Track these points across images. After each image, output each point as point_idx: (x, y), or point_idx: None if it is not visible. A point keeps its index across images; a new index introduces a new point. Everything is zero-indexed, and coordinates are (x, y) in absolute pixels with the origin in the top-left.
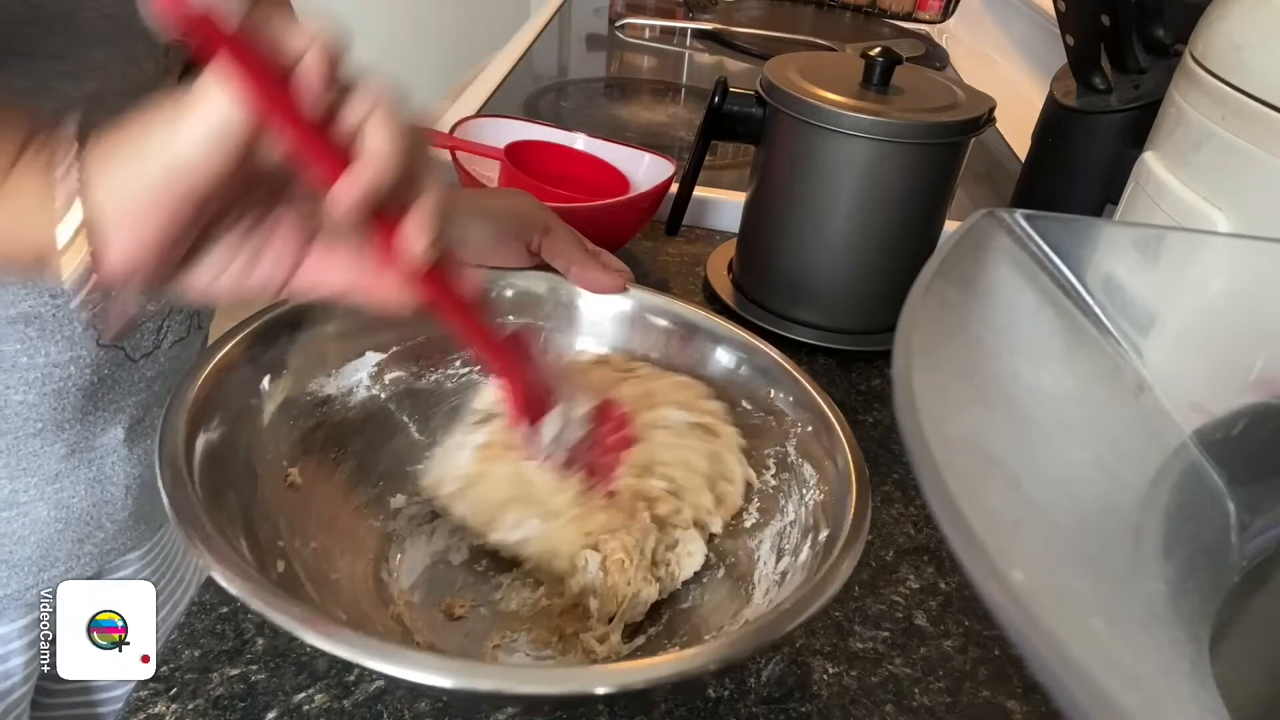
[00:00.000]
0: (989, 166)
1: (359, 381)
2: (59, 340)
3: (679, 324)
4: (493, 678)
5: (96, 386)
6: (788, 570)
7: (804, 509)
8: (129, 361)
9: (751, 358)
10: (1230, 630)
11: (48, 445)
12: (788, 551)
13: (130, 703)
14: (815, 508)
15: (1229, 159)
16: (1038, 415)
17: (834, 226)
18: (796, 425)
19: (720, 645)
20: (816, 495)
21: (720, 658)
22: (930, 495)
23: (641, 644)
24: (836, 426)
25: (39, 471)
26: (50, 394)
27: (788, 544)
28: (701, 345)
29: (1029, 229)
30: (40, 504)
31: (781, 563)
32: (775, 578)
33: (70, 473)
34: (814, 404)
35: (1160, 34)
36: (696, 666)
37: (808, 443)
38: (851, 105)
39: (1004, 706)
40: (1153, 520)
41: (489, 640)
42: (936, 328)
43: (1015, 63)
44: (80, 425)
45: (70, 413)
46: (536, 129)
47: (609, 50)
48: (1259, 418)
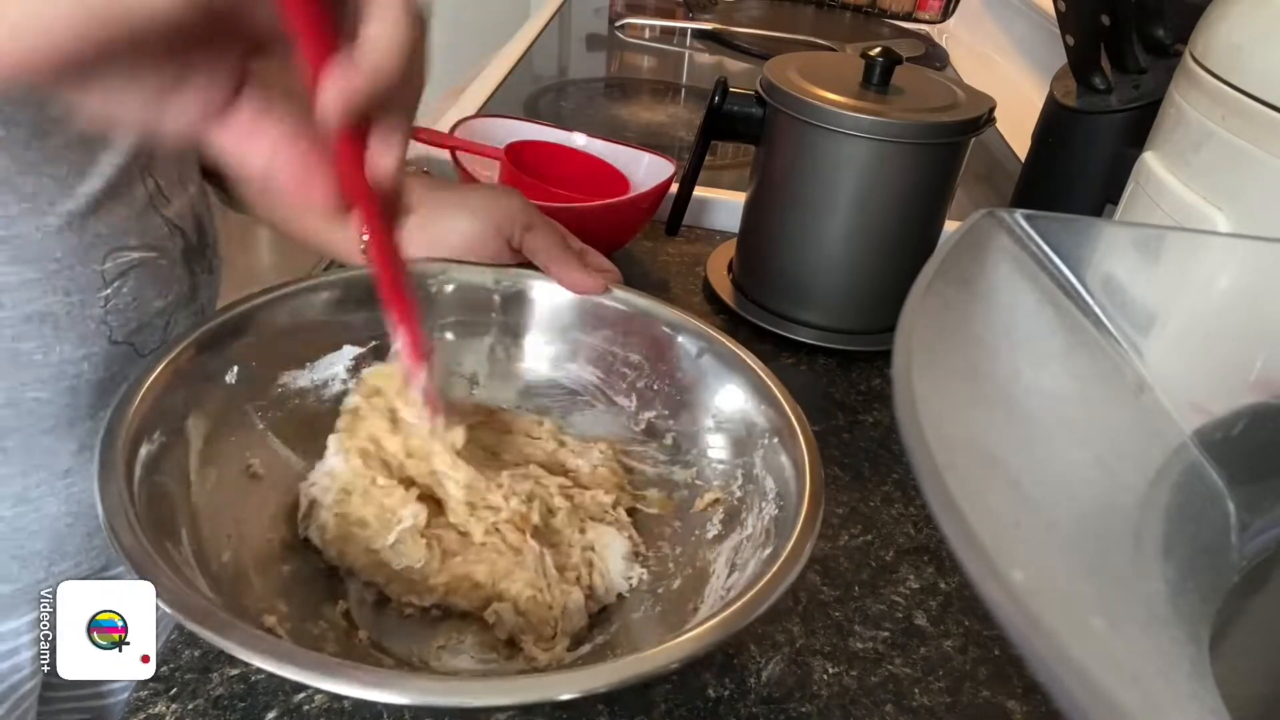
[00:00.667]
0: (989, 166)
1: (335, 375)
2: (72, 338)
3: (635, 312)
4: (439, 694)
5: (107, 383)
6: (733, 586)
7: (760, 523)
8: (139, 358)
9: (712, 347)
10: (1230, 630)
11: (60, 442)
12: (739, 566)
13: (130, 703)
14: (770, 522)
15: (1229, 159)
16: (1038, 415)
17: (834, 226)
18: (764, 435)
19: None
20: (773, 510)
21: (678, 657)
22: (930, 495)
23: (586, 652)
24: (796, 426)
25: (51, 467)
26: (64, 391)
27: (739, 559)
28: (666, 339)
29: (1029, 229)
30: (52, 499)
31: (731, 577)
32: (722, 592)
33: (81, 468)
34: (773, 399)
35: (1160, 34)
36: (651, 669)
37: (773, 452)
38: (851, 105)
39: (1004, 706)
40: (1153, 520)
41: (435, 641)
42: (936, 328)
43: (1015, 63)
44: (91, 421)
45: (82, 409)
46: (536, 129)
47: (609, 50)
48: (1259, 418)
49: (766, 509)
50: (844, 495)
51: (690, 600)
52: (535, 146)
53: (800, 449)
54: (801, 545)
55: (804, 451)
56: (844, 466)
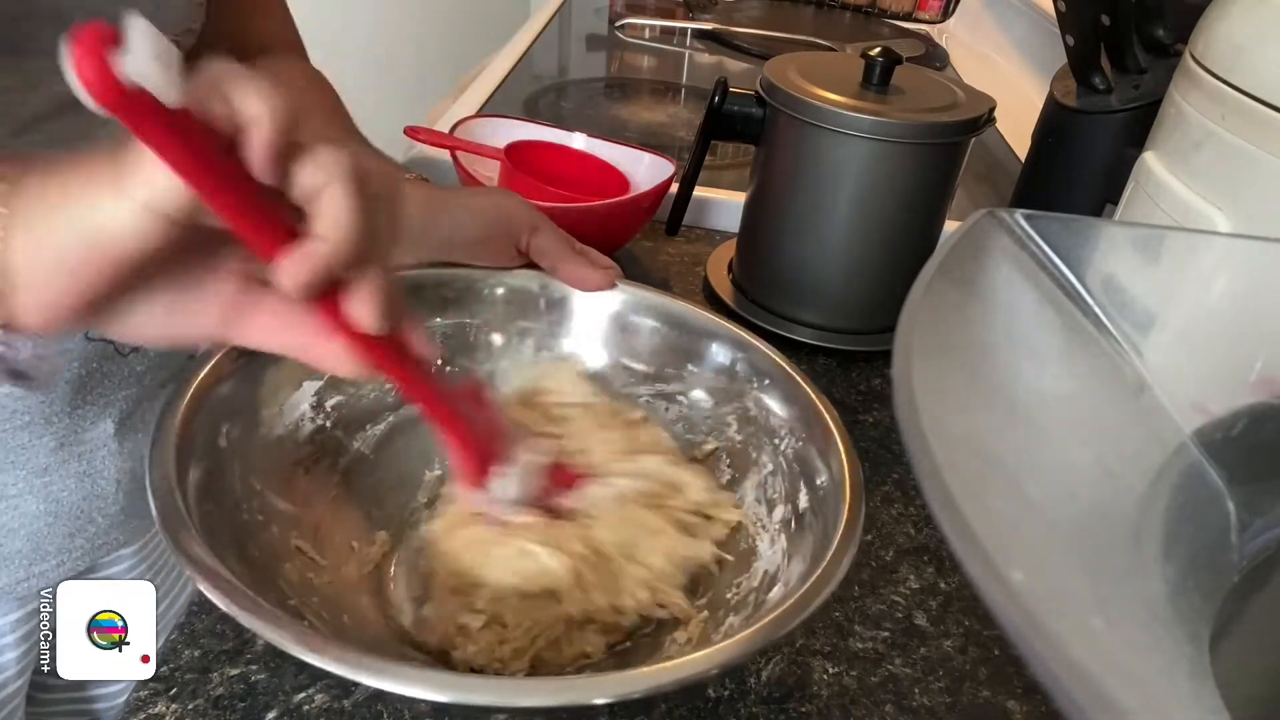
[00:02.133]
0: (989, 166)
1: (303, 414)
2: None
3: (670, 323)
4: (486, 692)
5: (85, 380)
6: (788, 518)
7: (781, 459)
8: (118, 355)
9: (748, 356)
10: (1230, 630)
11: (36, 438)
12: (779, 500)
13: (130, 703)
14: (793, 456)
15: (1229, 159)
16: (1038, 415)
17: (834, 226)
18: (750, 380)
19: (717, 651)
20: (793, 443)
21: (721, 663)
22: (930, 495)
23: (628, 647)
24: (833, 428)
25: (28, 465)
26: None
27: (776, 493)
28: (695, 344)
29: (1029, 229)
30: (30, 497)
31: (776, 511)
32: (777, 526)
33: (60, 466)
34: (809, 403)
35: (1160, 34)
36: (696, 673)
37: (802, 448)
38: (851, 105)
39: (1004, 706)
40: (1153, 520)
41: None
42: (936, 327)
43: (1015, 63)
44: (69, 419)
45: (59, 405)
46: (536, 129)
47: (609, 50)
48: (1259, 418)
49: (784, 445)
50: None
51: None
52: (535, 147)
53: (833, 438)
54: (853, 525)
55: (837, 441)
56: None
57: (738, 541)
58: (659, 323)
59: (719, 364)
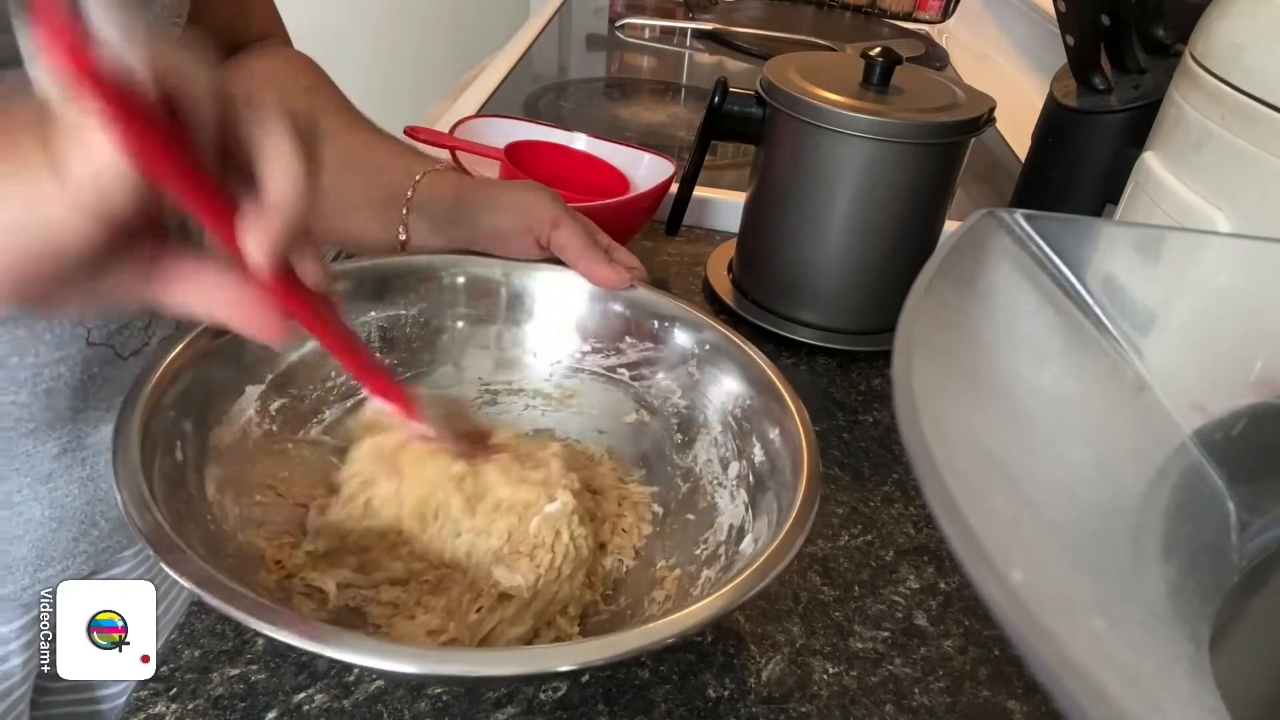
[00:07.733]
0: (989, 166)
1: (249, 420)
2: (48, 339)
3: (621, 303)
4: (456, 663)
5: (87, 385)
6: (744, 473)
7: (730, 419)
8: (119, 359)
9: (693, 329)
10: (1230, 630)
11: (40, 445)
12: (732, 457)
13: (130, 703)
14: (741, 414)
15: (1229, 159)
16: (1038, 415)
17: (834, 226)
18: (731, 393)
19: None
20: (742, 403)
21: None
22: (930, 495)
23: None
24: (787, 398)
25: (32, 471)
26: (41, 393)
27: (729, 450)
28: (644, 321)
29: (1029, 229)
30: (34, 504)
31: (731, 468)
32: (734, 481)
33: (64, 472)
34: (756, 369)
35: (1160, 34)
36: (656, 640)
37: (751, 407)
38: (851, 105)
39: (1004, 706)
40: (1153, 520)
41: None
42: (936, 328)
43: (1015, 63)
44: (72, 424)
45: (62, 411)
46: (536, 129)
47: (609, 50)
48: (1259, 418)
49: (730, 405)
50: (844, 495)
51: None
52: (535, 146)
53: (786, 405)
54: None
55: (790, 408)
56: (844, 466)
57: (696, 500)
58: (611, 304)
59: (668, 339)
